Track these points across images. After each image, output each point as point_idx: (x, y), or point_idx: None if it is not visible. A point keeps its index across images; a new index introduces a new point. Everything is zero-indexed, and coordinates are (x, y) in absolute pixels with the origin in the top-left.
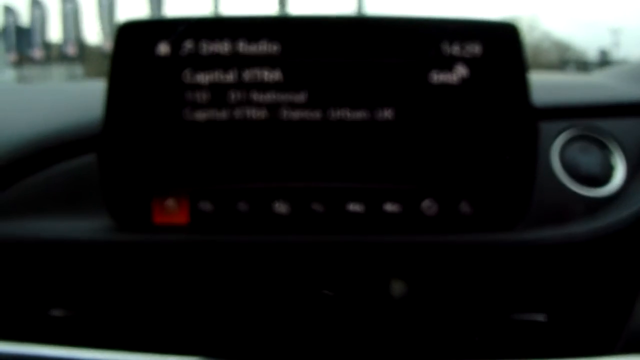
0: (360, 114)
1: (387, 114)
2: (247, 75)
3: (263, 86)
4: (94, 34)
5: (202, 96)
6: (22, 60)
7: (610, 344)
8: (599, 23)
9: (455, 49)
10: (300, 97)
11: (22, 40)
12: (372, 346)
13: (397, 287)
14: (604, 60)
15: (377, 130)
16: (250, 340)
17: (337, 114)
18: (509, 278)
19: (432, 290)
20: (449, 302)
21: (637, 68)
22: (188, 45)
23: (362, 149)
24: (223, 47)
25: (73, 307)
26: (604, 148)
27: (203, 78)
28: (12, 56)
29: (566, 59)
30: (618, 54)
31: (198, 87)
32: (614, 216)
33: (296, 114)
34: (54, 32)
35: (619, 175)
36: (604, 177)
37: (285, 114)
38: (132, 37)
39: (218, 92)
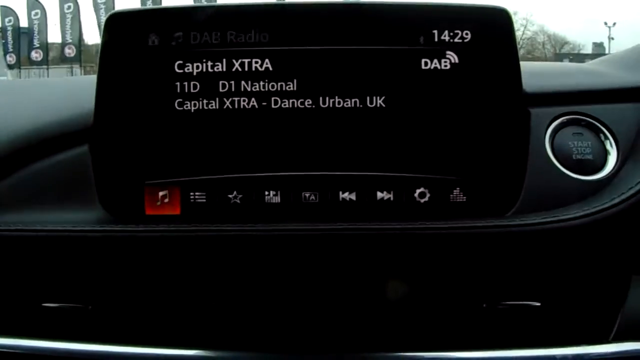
0: (351, 102)
1: (378, 101)
2: (238, 64)
3: (253, 75)
4: (93, 34)
5: (193, 86)
6: (21, 61)
7: (606, 332)
8: (594, 16)
9: (446, 35)
10: (291, 86)
11: (21, 41)
12: (368, 335)
13: (389, 275)
14: (600, 54)
15: (369, 118)
16: (247, 331)
17: (328, 102)
18: (502, 264)
19: (423, 277)
20: (441, 290)
21: (628, 55)
22: (178, 35)
23: (354, 137)
24: (213, 37)
25: (66, 299)
26: (596, 133)
27: (194, 68)
28: (11, 57)
29: (561, 53)
30: (613, 47)
31: (189, 77)
32: (606, 201)
33: (287, 103)
34: (54, 33)
35: (611, 160)
36: (596, 163)
37: (275, 102)
38: (122, 27)
39: (209, 82)
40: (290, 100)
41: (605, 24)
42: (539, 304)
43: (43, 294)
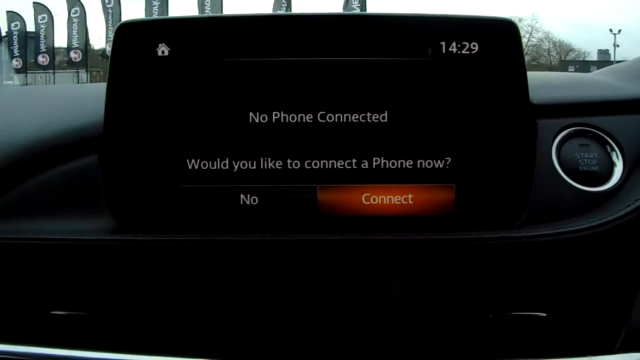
0: (354, 115)
1: (382, 114)
2: (247, 75)
3: (263, 86)
4: (101, 39)
5: (203, 96)
6: (28, 65)
7: (611, 342)
8: (599, 24)
9: (453, 47)
10: (298, 97)
11: (28, 45)
12: (374, 345)
13: (396, 286)
14: (605, 61)
15: (372, 130)
16: (256, 341)
17: (334, 115)
18: (508, 275)
19: (430, 288)
20: (448, 301)
21: (634, 66)
22: (188, 45)
23: (359, 146)
24: (222, 48)
25: (75, 307)
26: (602, 145)
27: (203, 78)
28: (17, 62)
29: (567, 60)
30: (618, 54)
31: (198, 87)
32: (612, 213)
33: (295, 117)
34: (61, 38)
35: (617, 172)
36: (603, 174)
37: (285, 115)
38: (131, 37)
39: (218, 92)
40: (295, 113)
41: (611, 31)
42: (544, 314)
43: (52, 302)
